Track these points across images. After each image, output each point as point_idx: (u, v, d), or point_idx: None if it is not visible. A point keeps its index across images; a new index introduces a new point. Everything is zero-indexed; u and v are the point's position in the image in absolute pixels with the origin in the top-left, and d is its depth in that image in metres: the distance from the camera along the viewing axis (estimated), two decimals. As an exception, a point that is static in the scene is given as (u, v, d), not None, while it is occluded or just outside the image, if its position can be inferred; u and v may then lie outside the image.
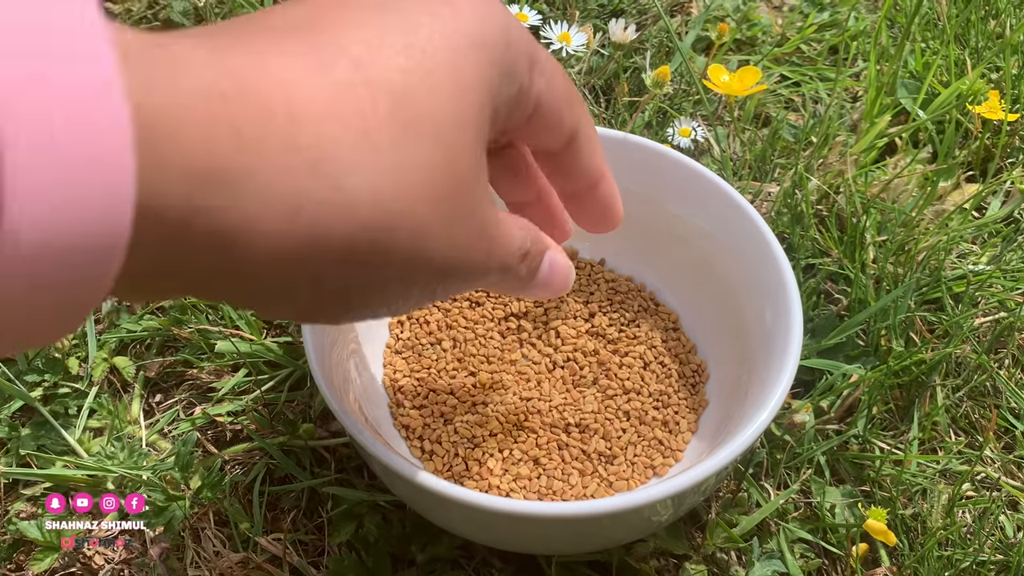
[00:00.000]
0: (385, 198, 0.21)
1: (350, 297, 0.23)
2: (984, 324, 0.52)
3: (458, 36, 0.23)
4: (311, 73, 0.20)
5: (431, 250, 0.23)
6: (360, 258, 0.21)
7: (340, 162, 0.20)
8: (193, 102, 0.18)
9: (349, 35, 0.21)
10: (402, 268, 0.23)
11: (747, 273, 0.43)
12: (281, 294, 0.21)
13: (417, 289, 0.24)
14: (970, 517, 0.46)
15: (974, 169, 0.62)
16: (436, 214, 0.22)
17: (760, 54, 0.69)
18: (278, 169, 0.19)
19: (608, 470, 0.42)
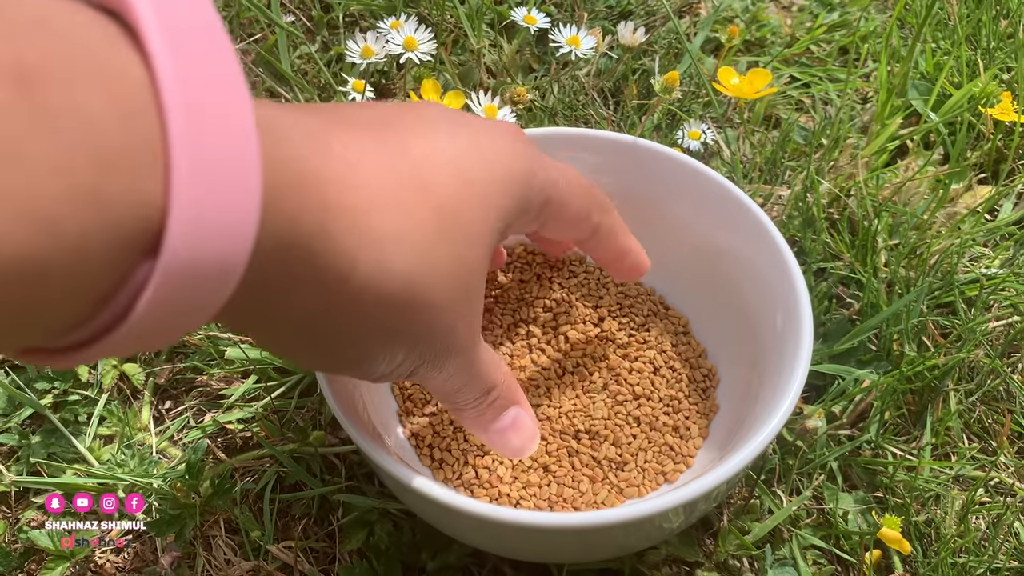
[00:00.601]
0: (416, 283, 0.26)
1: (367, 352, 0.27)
2: (997, 328, 0.52)
3: (495, 169, 0.29)
4: (381, 166, 0.25)
5: (436, 328, 0.28)
6: (381, 327, 0.26)
7: (390, 245, 0.25)
8: (298, 171, 0.22)
9: (415, 143, 0.27)
10: (411, 339, 0.27)
11: (757, 277, 0.43)
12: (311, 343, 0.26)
13: (413, 358, 0.28)
14: (984, 523, 0.45)
15: (986, 171, 0.62)
16: (447, 300, 0.27)
17: (770, 55, 0.69)
18: (345, 240, 0.23)
19: (619, 476, 0.42)
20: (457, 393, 0.33)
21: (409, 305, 0.26)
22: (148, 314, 0.18)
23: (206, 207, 0.18)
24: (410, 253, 0.25)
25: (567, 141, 0.46)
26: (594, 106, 0.62)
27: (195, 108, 0.17)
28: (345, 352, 0.27)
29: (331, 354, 0.27)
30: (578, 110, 0.61)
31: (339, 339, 0.26)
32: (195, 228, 0.18)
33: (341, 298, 0.24)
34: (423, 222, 0.26)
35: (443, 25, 0.65)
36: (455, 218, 0.27)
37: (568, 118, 0.61)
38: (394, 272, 0.25)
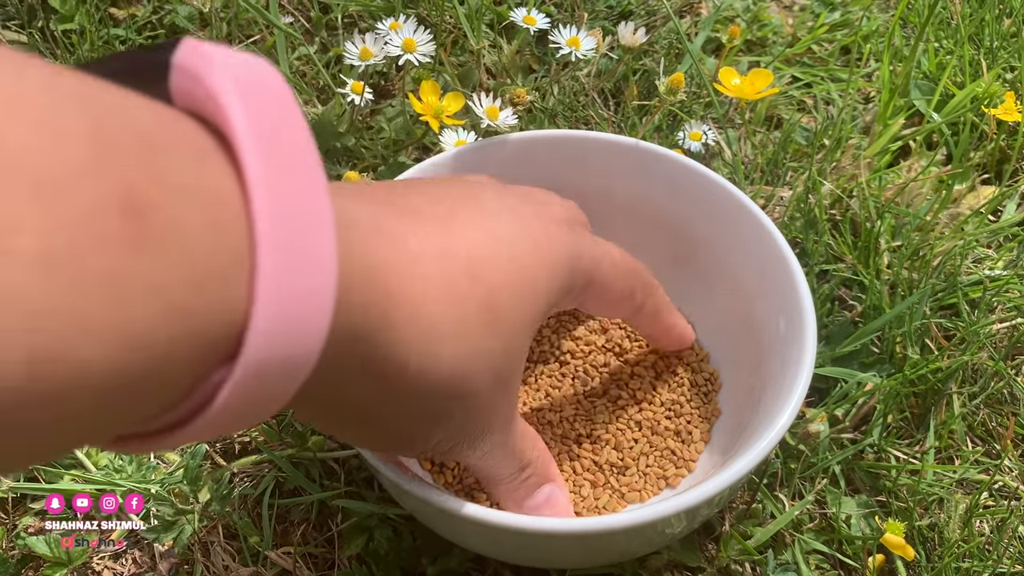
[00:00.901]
0: (462, 373, 0.27)
1: (412, 435, 0.29)
2: (1001, 330, 0.52)
3: (544, 255, 0.30)
4: (438, 259, 0.27)
5: (473, 413, 0.29)
6: (428, 412, 0.28)
7: (441, 338, 0.26)
8: (368, 267, 0.24)
9: (471, 237, 0.28)
10: (451, 422, 0.29)
11: (760, 280, 0.42)
12: (366, 429, 0.28)
13: (452, 439, 0.30)
14: (988, 527, 0.45)
15: (989, 172, 0.61)
16: (486, 388, 0.29)
17: (771, 55, 0.68)
18: (404, 334, 0.25)
19: (620, 481, 0.42)
20: (491, 469, 0.34)
21: (455, 393, 0.27)
22: (223, 410, 0.19)
23: (285, 312, 0.19)
24: (459, 344, 0.27)
25: (566, 144, 0.46)
26: (594, 107, 0.61)
27: (282, 217, 0.18)
28: (390, 434, 0.29)
29: (377, 436, 0.30)
30: (578, 111, 0.61)
31: (387, 424, 0.28)
32: (273, 331, 0.19)
33: (396, 386, 0.26)
34: (474, 314, 0.27)
35: (442, 26, 0.65)
36: (504, 309, 0.28)
37: (568, 119, 0.61)
38: (443, 362, 0.26)
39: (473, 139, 0.48)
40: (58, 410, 0.15)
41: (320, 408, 0.27)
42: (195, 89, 0.19)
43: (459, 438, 0.30)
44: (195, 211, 0.17)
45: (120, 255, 0.15)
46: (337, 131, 0.58)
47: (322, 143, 0.58)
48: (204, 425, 0.19)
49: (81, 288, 0.15)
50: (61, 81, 0.16)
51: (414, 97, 0.49)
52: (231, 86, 0.18)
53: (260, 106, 0.19)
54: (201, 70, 0.19)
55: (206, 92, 0.19)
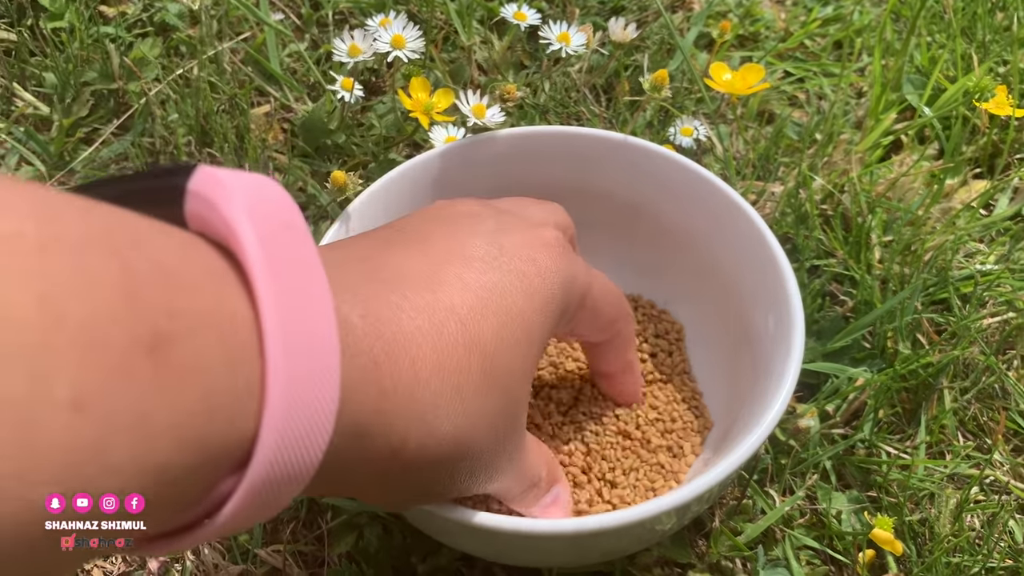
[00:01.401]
0: (463, 439, 0.27)
1: (420, 495, 0.30)
2: (992, 324, 0.52)
3: (537, 298, 0.30)
4: (430, 336, 0.26)
5: (478, 472, 0.30)
6: (434, 476, 0.28)
7: (438, 412, 0.26)
8: (362, 368, 0.24)
9: (458, 298, 0.28)
10: (459, 477, 0.29)
11: (748, 276, 0.42)
12: (378, 494, 0.29)
13: (460, 488, 0.30)
14: (979, 522, 0.45)
15: (981, 166, 0.61)
16: (490, 442, 0.29)
17: (763, 50, 0.68)
18: (400, 415, 0.25)
19: (611, 493, 0.41)
20: (504, 492, 0.34)
21: (458, 457, 0.28)
22: (232, 517, 0.20)
23: (291, 434, 0.20)
24: (458, 414, 0.27)
25: (556, 140, 0.46)
26: (586, 103, 0.61)
27: (293, 349, 0.19)
28: (398, 498, 0.30)
29: (386, 501, 0.31)
30: (570, 107, 0.61)
31: (393, 492, 0.29)
32: (279, 450, 0.20)
33: (395, 466, 0.26)
34: (470, 382, 0.27)
35: (433, 22, 0.64)
36: (501, 367, 0.28)
37: (560, 115, 0.61)
38: (443, 435, 0.27)
39: (463, 136, 0.48)
40: None
41: (324, 487, 0.28)
42: (210, 216, 0.20)
43: (468, 485, 0.30)
44: (213, 342, 0.18)
45: (146, 394, 0.16)
46: (327, 128, 0.58)
47: (312, 140, 0.58)
48: (212, 531, 0.20)
49: (109, 429, 0.16)
50: (92, 219, 0.17)
51: (404, 94, 0.49)
52: (244, 216, 0.20)
53: (271, 232, 0.20)
54: (217, 198, 0.20)
55: (221, 219, 0.20)
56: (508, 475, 0.32)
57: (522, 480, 0.34)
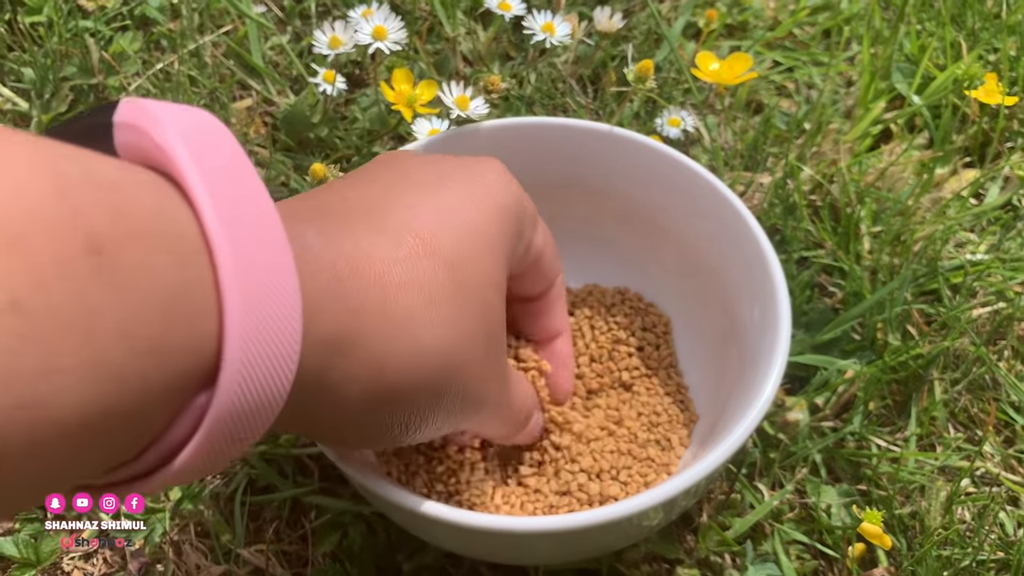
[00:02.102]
0: (445, 351, 0.27)
1: (407, 427, 0.28)
2: (983, 315, 0.51)
3: (491, 212, 0.30)
4: (390, 251, 0.26)
5: (470, 387, 0.29)
6: (422, 402, 0.27)
7: (415, 322, 0.26)
8: (325, 284, 0.24)
9: (411, 216, 0.28)
10: (448, 403, 0.28)
11: (735, 268, 0.42)
12: (362, 428, 0.27)
13: (449, 420, 0.30)
14: (969, 515, 0.44)
15: (972, 155, 0.61)
16: (477, 357, 0.29)
17: (752, 39, 0.68)
18: (381, 332, 0.25)
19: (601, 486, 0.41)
20: (491, 431, 0.35)
21: (444, 373, 0.27)
22: (206, 442, 0.20)
23: (257, 339, 0.19)
24: (436, 324, 0.27)
25: (541, 131, 0.45)
26: (572, 94, 0.60)
27: (240, 247, 0.19)
28: (389, 432, 0.28)
29: (375, 436, 0.29)
30: (556, 99, 0.60)
31: (381, 427, 0.27)
32: (247, 355, 0.19)
33: (380, 390, 0.26)
34: (441, 291, 0.27)
35: (416, 13, 0.64)
36: (468, 275, 0.28)
37: (546, 107, 0.60)
38: (425, 351, 0.26)
39: (447, 128, 0.48)
40: (35, 453, 0.16)
41: (313, 422, 0.27)
42: (140, 141, 0.20)
43: (458, 415, 0.30)
44: (158, 245, 0.18)
45: (89, 293, 0.16)
46: (310, 122, 0.57)
47: (295, 134, 0.57)
48: (185, 463, 0.20)
49: (51, 327, 0.15)
50: (19, 139, 0.17)
51: (387, 86, 0.48)
52: (174, 133, 0.19)
53: (204, 145, 0.20)
54: (144, 123, 0.20)
55: (151, 142, 0.20)
56: (495, 409, 0.32)
57: (509, 420, 0.34)
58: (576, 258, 0.49)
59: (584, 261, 0.49)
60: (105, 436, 0.17)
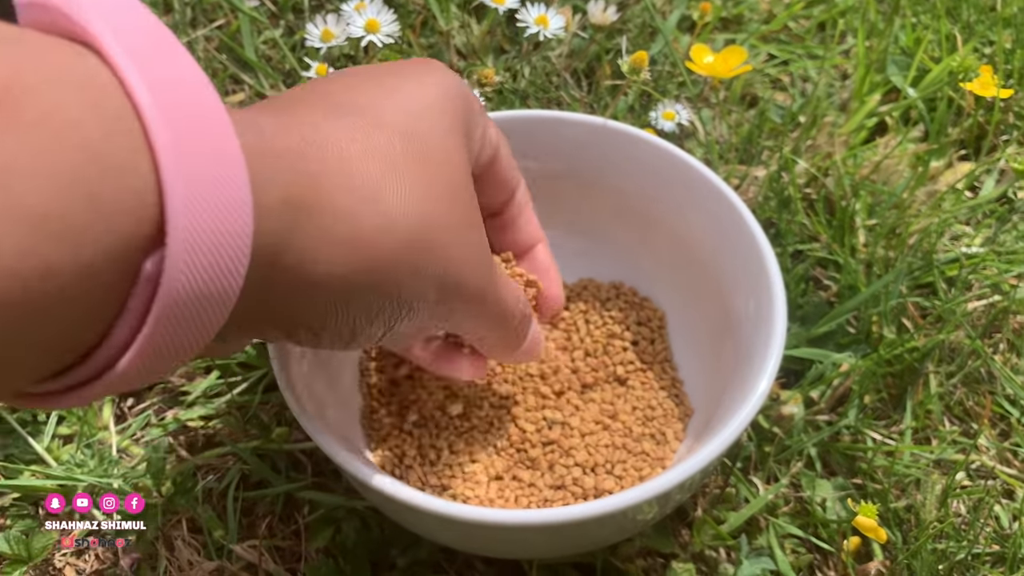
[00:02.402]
0: (416, 220, 0.26)
1: (381, 316, 0.27)
2: (978, 308, 0.51)
3: (440, 94, 0.29)
4: (347, 129, 0.26)
5: (450, 266, 0.28)
6: (398, 275, 0.26)
7: (380, 191, 0.25)
8: (279, 152, 0.23)
9: (366, 99, 0.28)
10: (426, 285, 0.27)
11: (730, 262, 0.42)
12: (334, 317, 0.26)
13: (430, 311, 0.28)
14: (964, 508, 0.44)
15: (967, 148, 0.61)
16: (451, 227, 0.27)
17: (747, 32, 0.67)
18: (342, 200, 0.24)
19: (596, 480, 0.41)
20: (487, 336, 0.33)
21: (419, 245, 0.26)
22: (164, 318, 0.19)
23: (200, 196, 0.18)
24: (403, 191, 0.26)
25: (535, 124, 0.45)
26: (566, 88, 0.60)
27: (166, 101, 0.18)
28: (364, 324, 0.27)
29: (348, 328, 0.27)
30: (550, 92, 0.60)
31: (358, 310, 0.26)
32: (193, 206, 0.18)
33: (352, 263, 0.24)
34: (403, 159, 0.26)
35: (410, 7, 0.63)
36: (426, 142, 0.27)
37: (540, 100, 0.60)
38: (395, 220, 0.25)
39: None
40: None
41: (269, 315, 0.25)
42: (47, 17, 0.19)
43: (439, 303, 0.28)
44: (75, 95, 0.17)
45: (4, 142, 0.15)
46: (303, 115, 0.56)
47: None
48: (141, 351, 0.19)
49: None
50: None
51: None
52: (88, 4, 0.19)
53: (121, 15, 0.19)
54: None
55: (61, 14, 0.19)
56: (488, 300, 0.31)
57: (507, 313, 0.33)
58: (571, 252, 0.49)
59: (579, 255, 0.49)
60: (47, 310, 0.16)
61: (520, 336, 0.35)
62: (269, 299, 0.24)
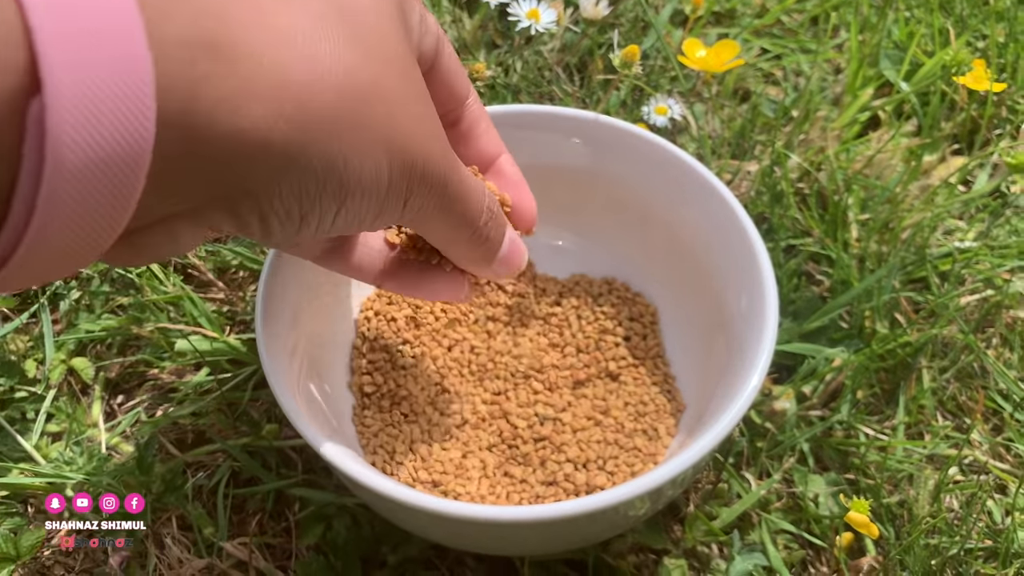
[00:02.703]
0: (354, 66, 0.23)
1: (335, 193, 0.24)
2: (971, 303, 0.51)
3: None
4: None
5: (396, 124, 0.25)
6: (345, 127, 0.23)
7: (308, 36, 0.22)
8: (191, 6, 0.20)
9: None
10: (381, 145, 0.24)
11: (722, 257, 0.41)
12: (280, 185, 0.23)
13: (395, 192, 0.26)
14: (957, 503, 0.44)
15: (960, 142, 0.60)
16: (394, 75, 0.25)
17: (739, 26, 0.67)
18: (261, 42, 0.21)
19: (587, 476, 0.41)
20: (452, 234, 0.30)
21: (360, 95, 0.23)
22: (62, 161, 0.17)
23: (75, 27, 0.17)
24: (334, 39, 0.23)
25: (526, 119, 0.45)
26: (558, 82, 0.60)
27: None
28: (323, 194, 0.24)
29: (307, 203, 0.24)
30: (542, 86, 0.60)
31: (313, 173, 0.23)
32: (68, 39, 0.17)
33: (288, 111, 0.22)
34: (330, 13, 0.23)
35: (402, 1, 0.63)
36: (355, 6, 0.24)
37: (532, 95, 0.59)
38: (328, 65, 0.22)
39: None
40: None
41: (215, 187, 0.22)
42: None
43: (391, 184, 0.25)
44: None
45: None
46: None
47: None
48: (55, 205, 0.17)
49: None
50: None
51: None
52: None
53: None
54: None
55: None
56: (450, 182, 0.28)
57: (473, 205, 0.30)
58: (563, 248, 0.49)
59: (571, 251, 0.49)
60: None
61: (492, 240, 0.32)
62: (195, 165, 0.21)
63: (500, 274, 0.34)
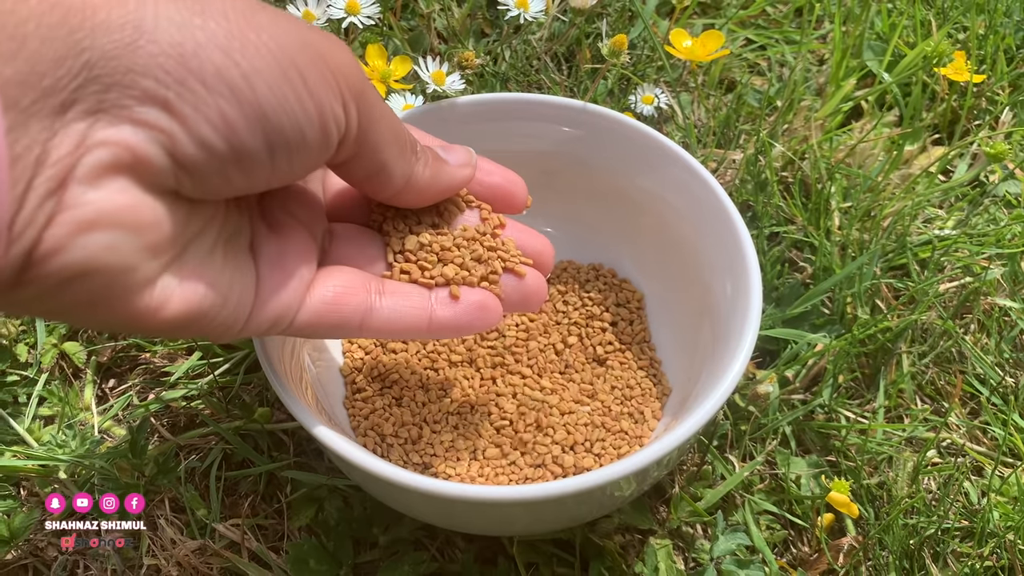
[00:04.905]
0: None
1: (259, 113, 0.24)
2: (950, 289, 0.52)
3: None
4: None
5: (335, 57, 0.25)
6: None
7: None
8: None
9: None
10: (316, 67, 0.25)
11: (708, 244, 0.42)
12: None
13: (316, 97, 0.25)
14: (935, 484, 0.45)
15: (941, 132, 0.61)
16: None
17: (725, 17, 0.68)
18: None
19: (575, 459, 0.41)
20: (386, 139, 0.29)
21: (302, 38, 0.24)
22: None
23: None
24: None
25: (515, 107, 0.45)
26: (547, 71, 0.60)
27: None
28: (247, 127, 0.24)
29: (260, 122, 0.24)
30: (531, 75, 0.60)
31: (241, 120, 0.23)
32: None
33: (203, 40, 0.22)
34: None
35: (391, -11, 0.63)
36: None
37: (521, 84, 0.60)
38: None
39: (420, 104, 0.48)
40: None
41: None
42: None
43: (323, 86, 0.25)
44: None
45: None
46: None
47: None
48: None
49: None
50: None
51: (360, 61, 0.48)
52: None
53: None
54: None
55: None
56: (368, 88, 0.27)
57: (403, 141, 0.30)
58: (551, 235, 0.49)
59: (558, 237, 0.49)
60: None
61: (422, 158, 0.31)
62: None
63: (454, 179, 0.33)
